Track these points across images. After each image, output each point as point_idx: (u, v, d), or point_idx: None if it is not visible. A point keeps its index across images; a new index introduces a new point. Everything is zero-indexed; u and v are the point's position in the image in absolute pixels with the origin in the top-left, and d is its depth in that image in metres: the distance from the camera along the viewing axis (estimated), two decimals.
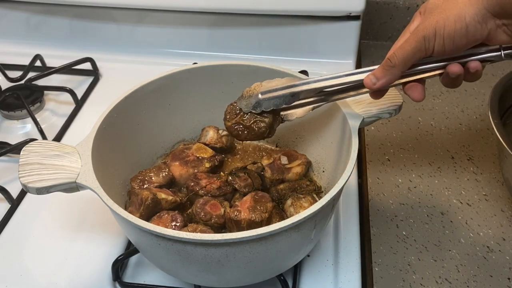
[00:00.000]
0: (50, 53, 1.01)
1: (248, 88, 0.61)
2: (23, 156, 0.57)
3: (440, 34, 0.52)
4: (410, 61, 0.54)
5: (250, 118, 0.60)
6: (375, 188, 0.75)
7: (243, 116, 0.60)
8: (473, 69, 0.54)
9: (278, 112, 0.61)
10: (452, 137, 0.82)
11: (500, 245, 0.66)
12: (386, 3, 1.05)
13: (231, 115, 0.61)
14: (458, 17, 0.51)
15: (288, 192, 0.66)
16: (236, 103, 0.61)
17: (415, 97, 0.57)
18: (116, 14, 1.02)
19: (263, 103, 0.59)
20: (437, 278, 0.63)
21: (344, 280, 0.63)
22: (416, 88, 0.57)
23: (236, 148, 0.76)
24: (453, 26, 0.51)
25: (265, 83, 0.60)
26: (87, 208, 0.72)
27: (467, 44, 0.53)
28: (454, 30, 0.51)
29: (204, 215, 0.62)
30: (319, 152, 0.71)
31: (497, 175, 0.76)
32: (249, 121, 0.60)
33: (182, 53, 1.02)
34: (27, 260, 0.67)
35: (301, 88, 0.59)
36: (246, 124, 0.60)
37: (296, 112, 0.62)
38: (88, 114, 0.90)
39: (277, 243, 0.52)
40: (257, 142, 0.77)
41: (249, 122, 0.60)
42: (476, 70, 0.54)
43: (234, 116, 0.61)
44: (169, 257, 0.55)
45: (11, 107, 0.89)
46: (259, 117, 0.60)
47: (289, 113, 0.62)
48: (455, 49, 0.53)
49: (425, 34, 0.52)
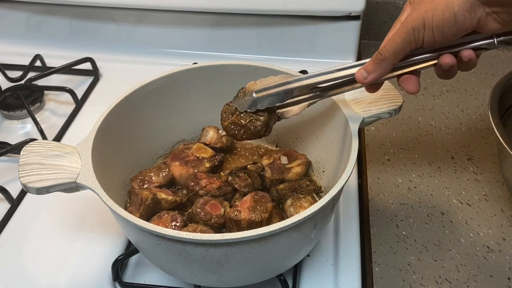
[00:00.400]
0: (50, 53, 1.01)
1: (243, 87, 0.61)
2: (23, 156, 0.57)
3: (429, 25, 0.51)
4: (400, 54, 0.54)
5: (246, 117, 0.60)
6: (375, 188, 0.75)
7: (238, 115, 0.60)
8: (466, 58, 0.54)
9: (274, 110, 0.61)
10: (452, 137, 0.82)
11: (500, 245, 0.66)
12: (386, 3, 1.05)
13: (227, 115, 0.61)
14: (446, 6, 0.50)
15: (288, 192, 0.66)
16: (231, 102, 0.61)
17: (409, 89, 0.56)
18: (116, 14, 1.02)
19: (258, 102, 0.59)
20: (437, 278, 0.63)
21: (344, 280, 0.63)
22: (410, 80, 0.56)
23: (236, 148, 0.76)
24: (441, 16, 0.50)
25: (259, 81, 0.60)
26: (87, 208, 0.72)
27: (457, 33, 0.52)
28: (443, 20, 0.51)
29: (204, 215, 0.62)
30: (319, 152, 0.71)
31: (497, 175, 0.76)
32: (245, 120, 0.60)
33: (182, 53, 1.02)
34: (27, 260, 0.67)
35: (294, 85, 0.59)
36: (242, 123, 0.60)
37: (292, 110, 0.62)
38: (88, 114, 0.90)
39: (277, 243, 0.52)
40: (257, 142, 0.77)
41: (245, 121, 0.60)
42: (469, 58, 0.54)
43: (230, 116, 0.61)
44: (169, 257, 0.55)
45: (11, 107, 0.89)
46: (254, 116, 0.60)
47: (285, 111, 0.62)
48: (445, 39, 0.52)
49: (414, 25, 0.52)
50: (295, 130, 0.74)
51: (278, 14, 0.96)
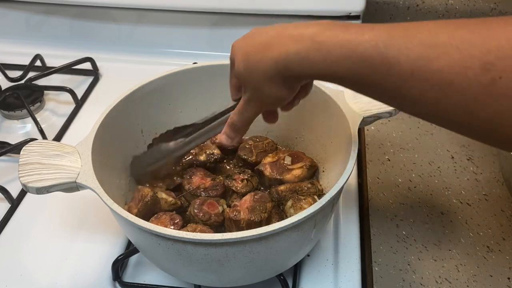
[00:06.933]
0: (50, 53, 1.01)
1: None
2: (23, 156, 0.57)
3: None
4: (252, 119, 0.55)
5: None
6: (375, 188, 0.75)
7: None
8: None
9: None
10: (452, 137, 0.82)
11: (500, 245, 0.66)
12: (386, 3, 1.05)
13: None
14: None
15: (288, 194, 0.66)
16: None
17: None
18: (116, 14, 1.02)
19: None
20: (437, 278, 0.63)
21: (344, 280, 0.63)
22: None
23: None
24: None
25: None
26: (87, 208, 0.72)
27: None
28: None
29: (203, 215, 0.62)
30: (319, 152, 0.71)
31: (497, 175, 0.76)
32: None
33: (182, 53, 1.02)
34: (27, 260, 0.67)
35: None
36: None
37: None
38: (88, 114, 0.90)
39: (277, 242, 0.52)
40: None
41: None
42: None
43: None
44: (169, 257, 0.55)
45: (11, 107, 0.89)
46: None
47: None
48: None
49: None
50: (295, 130, 0.74)
51: (278, 14, 0.96)
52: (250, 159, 0.71)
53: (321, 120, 0.69)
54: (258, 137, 0.74)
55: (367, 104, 0.63)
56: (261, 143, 0.73)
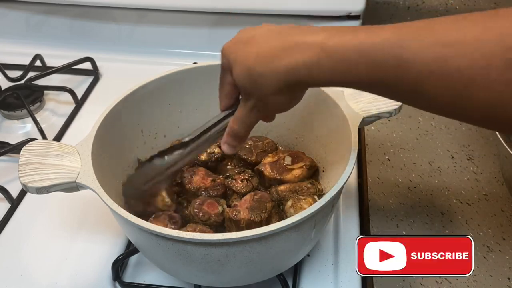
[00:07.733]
0: (50, 53, 1.01)
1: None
2: (23, 156, 0.57)
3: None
4: (254, 126, 0.54)
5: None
6: (375, 188, 0.75)
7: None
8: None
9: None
10: (452, 137, 0.82)
11: (500, 245, 0.66)
12: (386, 3, 1.05)
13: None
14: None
15: (288, 194, 0.66)
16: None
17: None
18: (116, 14, 1.02)
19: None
20: (437, 278, 0.63)
21: (344, 280, 0.63)
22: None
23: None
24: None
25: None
26: (87, 208, 0.72)
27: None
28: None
29: (203, 215, 0.62)
30: (319, 152, 0.71)
31: (497, 175, 0.76)
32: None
33: (182, 53, 1.02)
34: (27, 260, 0.67)
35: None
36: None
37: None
38: (88, 114, 0.90)
39: (277, 242, 0.52)
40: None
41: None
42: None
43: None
44: (169, 257, 0.55)
45: (11, 107, 0.89)
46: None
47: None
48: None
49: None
50: (295, 130, 0.74)
51: (278, 14, 0.96)
52: (250, 159, 0.71)
53: (321, 120, 0.69)
54: (258, 137, 0.74)
55: (367, 104, 0.63)
56: (261, 143, 0.73)
